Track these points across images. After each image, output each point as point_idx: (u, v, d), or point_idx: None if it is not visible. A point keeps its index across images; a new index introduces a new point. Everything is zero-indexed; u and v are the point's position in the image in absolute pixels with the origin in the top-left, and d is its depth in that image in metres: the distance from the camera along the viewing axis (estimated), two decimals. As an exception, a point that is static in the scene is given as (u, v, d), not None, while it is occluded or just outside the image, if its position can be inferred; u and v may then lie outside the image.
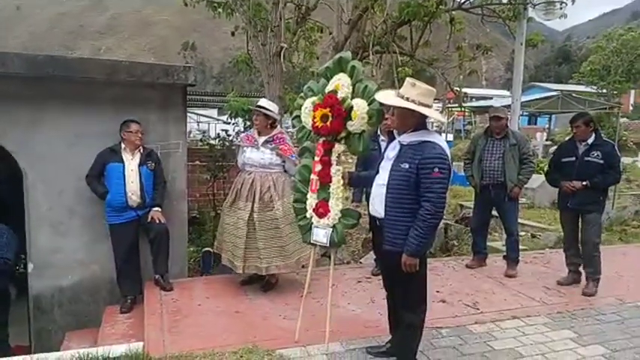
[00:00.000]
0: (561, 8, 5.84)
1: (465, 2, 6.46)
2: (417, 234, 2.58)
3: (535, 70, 78.29)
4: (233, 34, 8.19)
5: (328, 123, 3.01)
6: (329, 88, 3.09)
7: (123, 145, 4.01)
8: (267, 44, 6.63)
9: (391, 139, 3.05)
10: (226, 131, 6.21)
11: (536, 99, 14.68)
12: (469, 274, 4.87)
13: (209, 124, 20.43)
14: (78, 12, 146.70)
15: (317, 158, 3.13)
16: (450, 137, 19.84)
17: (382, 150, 3.40)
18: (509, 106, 6.48)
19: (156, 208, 4.06)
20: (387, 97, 2.79)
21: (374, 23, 5.83)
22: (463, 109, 22.30)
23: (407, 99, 2.66)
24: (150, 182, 4.05)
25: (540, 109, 14.45)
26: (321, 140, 3.13)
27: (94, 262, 4.29)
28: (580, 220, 4.40)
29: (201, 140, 7.00)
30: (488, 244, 5.79)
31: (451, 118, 24.10)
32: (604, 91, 27.34)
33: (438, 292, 4.28)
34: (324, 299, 3.28)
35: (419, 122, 2.72)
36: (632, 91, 35.57)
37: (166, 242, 4.08)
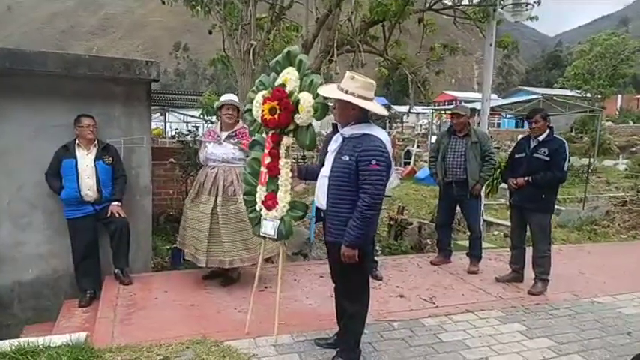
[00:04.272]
0: (527, 10, 5.92)
1: (435, 3, 6.52)
2: (354, 225, 2.62)
3: (526, 74, 79.06)
4: (210, 32, 8.23)
5: (276, 116, 3.04)
6: (278, 81, 3.12)
7: (77, 141, 4.01)
8: (240, 42, 6.68)
9: (335, 132, 3.09)
10: (197, 127, 6.22)
11: (518, 102, 14.82)
12: (432, 270, 4.92)
13: (196, 124, 20.41)
14: (70, 12, 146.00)
15: (266, 151, 3.17)
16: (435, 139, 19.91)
17: None
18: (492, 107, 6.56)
19: (115, 203, 4.07)
20: (328, 90, 2.82)
21: (342, 22, 5.88)
22: (450, 111, 22.47)
23: (346, 92, 2.70)
24: (108, 177, 4.06)
25: (522, 111, 14.58)
26: (270, 133, 3.16)
27: (55, 256, 4.29)
28: (527, 220, 4.38)
29: (173, 137, 6.98)
30: (458, 242, 5.87)
31: (439, 121, 24.27)
32: (588, 94, 27.63)
33: (397, 287, 4.33)
34: (282, 293, 3.31)
35: (360, 115, 2.76)
36: (619, 96, 36.00)
37: (126, 236, 4.08)
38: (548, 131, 4.23)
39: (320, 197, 2.85)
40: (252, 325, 3.28)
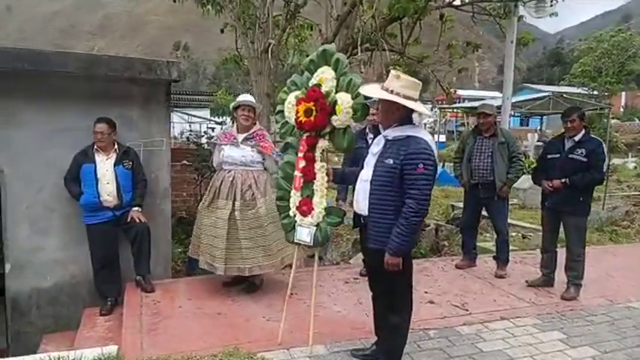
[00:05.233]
0: (552, 5, 5.79)
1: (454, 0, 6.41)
2: (399, 232, 2.49)
3: (527, 72, 78.79)
4: (222, 31, 8.11)
5: (312, 117, 2.91)
6: (313, 81, 3.00)
7: (95, 146, 3.89)
8: (256, 41, 6.56)
9: (376, 134, 2.96)
10: (213, 129, 6.11)
11: (527, 100, 14.69)
12: (458, 274, 4.79)
13: (200, 124, 20.32)
14: (70, 11, 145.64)
15: (300, 154, 3.04)
16: (443, 138, 19.81)
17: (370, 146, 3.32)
18: (500, 106, 6.44)
19: (136, 208, 3.95)
20: (371, 90, 2.70)
21: (363, 20, 5.75)
22: (456, 110, 22.37)
23: (391, 92, 2.57)
24: (128, 182, 3.94)
25: (531, 109, 14.46)
26: (304, 136, 3.03)
27: (73, 262, 4.17)
28: (562, 222, 4.25)
29: (187, 139, 6.86)
30: (478, 244, 5.74)
31: (444, 120, 24.12)
32: (595, 92, 27.48)
33: (426, 292, 4.20)
34: (310, 300, 3.19)
35: (404, 116, 2.64)
36: (623, 93, 35.84)
37: (147, 242, 3.96)
38: (584, 131, 4.09)
39: (360, 202, 2.72)
40: (283, 335, 3.15)
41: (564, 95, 14.13)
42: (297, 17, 7.28)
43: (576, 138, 4.09)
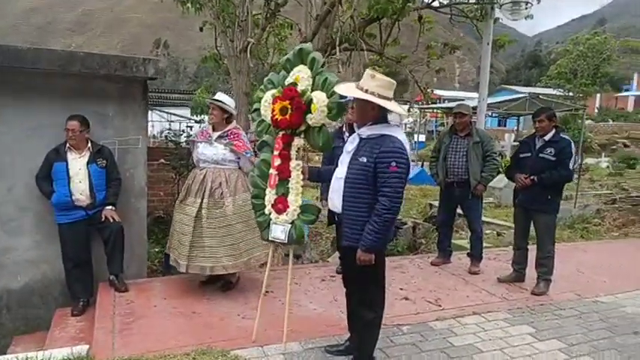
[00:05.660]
0: (526, 8, 5.92)
1: (433, 1, 6.49)
2: (372, 229, 2.53)
3: (506, 73, 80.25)
4: (201, 29, 8.06)
5: (287, 116, 2.94)
6: (289, 80, 3.03)
7: (68, 144, 3.83)
8: (235, 40, 6.54)
9: (352, 132, 3.00)
10: (191, 127, 6.06)
11: (505, 100, 14.98)
12: (433, 271, 4.87)
13: (181, 123, 20.13)
14: (47, 8, 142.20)
15: (276, 152, 3.06)
16: (423, 138, 20.03)
17: None
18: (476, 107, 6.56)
19: (109, 207, 3.90)
20: (346, 89, 2.73)
21: (341, 20, 5.79)
22: (436, 110, 22.63)
23: (366, 91, 2.61)
24: (101, 180, 3.88)
25: (508, 110, 14.74)
26: (280, 134, 3.05)
27: (45, 261, 4.08)
28: (532, 220, 4.36)
29: (166, 137, 6.80)
30: (454, 241, 5.84)
31: (424, 120, 24.37)
32: (570, 93, 28.17)
33: (401, 289, 4.27)
34: (285, 298, 3.21)
35: (378, 115, 2.67)
36: (598, 95, 36.80)
37: (121, 241, 3.91)
38: (554, 131, 4.20)
39: (334, 200, 2.75)
40: (258, 333, 3.16)
41: (540, 96, 14.42)
42: (277, 16, 7.28)
43: (546, 137, 4.21)
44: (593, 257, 5.73)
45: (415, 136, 21.31)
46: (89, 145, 3.93)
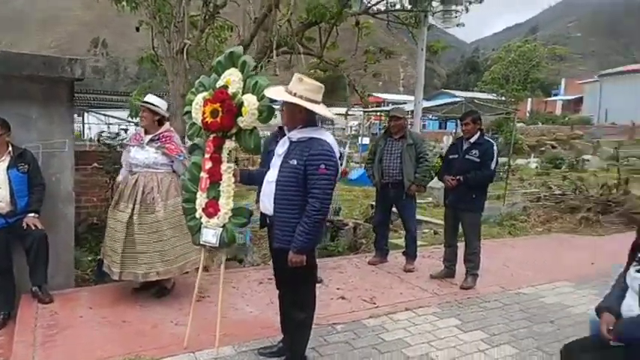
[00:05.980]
0: (456, 17, 6.23)
1: (370, 7, 6.68)
2: (303, 230, 2.58)
3: (447, 78, 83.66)
4: (137, 29, 7.78)
5: (218, 118, 2.93)
6: (220, 83, 3.02)
7: None
8: (172, 41, 6.38)
9: (281, 134, 3.04)
10: (126, 130, 5.85)
11: (443, 104, 15.62)
12: (370, 270, 5.01)
13: (119, 125, 19.31)
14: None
15: (207, 155, 3.04)
16: (366, 140, 20.47)
17: None
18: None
19: (32, 214, 3.69)
20: (275, 92, 2.77)
21: (279, 23, 5.83)
22: (379, 113, 23.19)
23: (294, 94, 2.66)
24: (23, 186, 3.67)
25: (447, 113, 15.38)
26: (211, 137, 3.04)
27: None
28: (460, 219, 4.60)
29: (98, 140, 6.52)
30: (393, 241, 6.03)
31: (368, 123, 24.93)
32: (503, 98, 29.86)
33: (338, 289, 4.36)
34: (221, 303, 3.19)
35: (307, 118, 2.73)
36: (529, 99, 39.22)
37: (44, 250, 3.71)
38: (479, 133, 4.46)
39: (266, 202, 2.78)
40: (191, 339, 3.12)
41: (475, 100, 15.18)
42: (217, 18, 7.19)
43: (472, 140, 4.46)
44: (519, 252, 6.12)
45: (359, 138, 21.75)
46: (10, 149, 3.71)
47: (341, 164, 16.49)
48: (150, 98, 3.96)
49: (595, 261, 5.57)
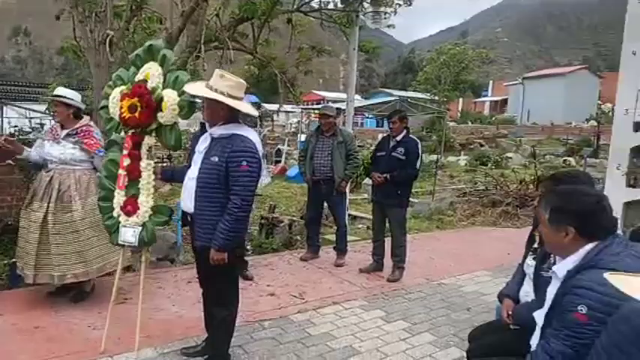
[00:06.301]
0: (385, 18, 6.42)
1: (302, 5, 6.71)
2: (224, 227, 2.56)
3: (385, 77, 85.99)
4: (58, 17, 7.30)
5: (137, 114, 2.83)
6: (139, 77, 2.92)
7: None
8: (95, 31, 6.05)
9: (203, 130, 2.99)
10: (42, 124, 5.49)
11: (379, 103, 16.06)
12: (302, 266, 5.06)
13: (41, 119, 18.05)
14: None
15: (125, 152, 2.93)
16: (304, 137, 20.59)
17: None
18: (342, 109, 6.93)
19: None
20: (195, 88, 2.71)
21: (207, 17, 5.70)
22: (317, 111, 23.34)
23: (215, 90, 2.62)
24: None
25: (382, 112, 15.82)
26: (129, 132, 2.93)
27: None
28: (386, 214, 4.77)
29: (11, 134, 6.06)
30: (326, 236, 6.13)
31: (307, 120, 25.05)
32: (436, 97, 31.23)
33: (268, 285, 4.37)
34: (145, 305, 3.09)
35: (229, 115, 2.70)
36: (461, 100, 41.30)
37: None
38: (405, 132, 4.64)
39: (187, 200, 2.73)
40: (109, 343, 3.00)
41: (409, 100, 15.79)
42: (145, 9, 6.90)
43: (398, 138, 4.64)
44: (444, 245, 6.43)
45: (298, 135, 21.80)
46: None
47: (280, 161, 16.40)
48: (60, 91, 3.74)
49: (511, 251, 5.95)
